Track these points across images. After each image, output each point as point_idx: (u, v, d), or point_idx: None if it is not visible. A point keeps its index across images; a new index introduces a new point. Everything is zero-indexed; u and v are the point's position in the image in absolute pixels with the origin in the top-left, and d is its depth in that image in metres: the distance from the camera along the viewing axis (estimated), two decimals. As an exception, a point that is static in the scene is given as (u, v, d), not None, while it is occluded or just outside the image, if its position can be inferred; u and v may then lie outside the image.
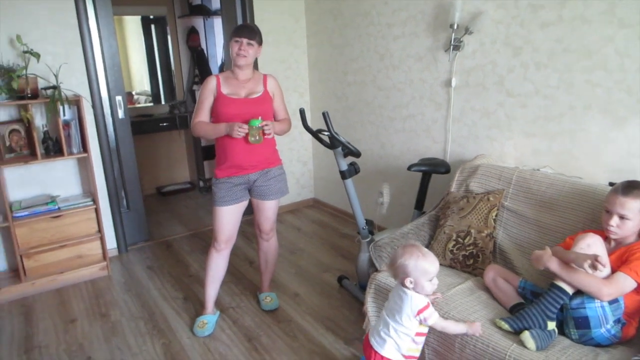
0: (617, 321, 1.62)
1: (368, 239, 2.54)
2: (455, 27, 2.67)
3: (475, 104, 2.74)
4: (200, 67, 5.00)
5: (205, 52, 5.06)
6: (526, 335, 1.58)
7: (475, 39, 2.65)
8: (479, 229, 2.17)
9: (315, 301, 2.74)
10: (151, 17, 4.87)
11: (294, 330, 2.46)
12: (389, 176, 3.46)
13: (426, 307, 1.60)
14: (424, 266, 1.59)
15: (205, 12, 4.94)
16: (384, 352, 1.66)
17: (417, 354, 1.69)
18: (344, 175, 2.49)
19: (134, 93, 5.00)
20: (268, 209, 2.46)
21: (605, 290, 1.58)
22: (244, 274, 3.10)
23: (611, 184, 1.95)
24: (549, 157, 2.42)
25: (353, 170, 2.48)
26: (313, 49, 4.05)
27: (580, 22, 2.17)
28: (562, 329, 1.69)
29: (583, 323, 1.62)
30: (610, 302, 1.60)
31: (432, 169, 2.65)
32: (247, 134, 2.18)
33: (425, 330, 1.67)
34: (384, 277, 2.08)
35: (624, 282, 1.60)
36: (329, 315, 2.59)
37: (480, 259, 2.13)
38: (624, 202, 1.67)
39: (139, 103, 5.03)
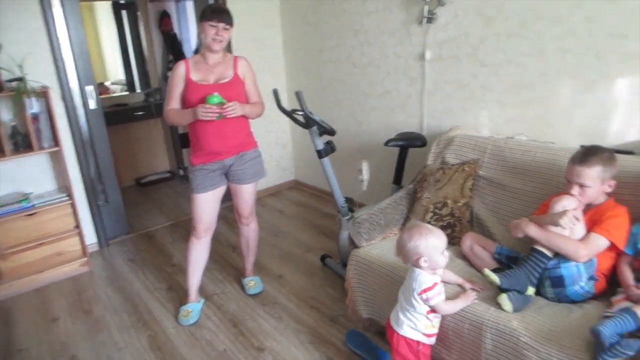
0: (590, 278, 1.66)
1: (348, 217, 2.54)
2: (427, -2, 2.64)
3: (449, 76, 2.73)
4: (174, 52, 4.88)
5: (179, 36, 4.94)
6: (503, 298, 1.61)
7: (447, 10, 2.63)
8: (455, 199, 2.18)
9: (300, 281, 2.75)
10: (122, 2, 4.72)
11: (279, 311, 2.47)
12: (367, 153, 3.46)
13: (431, 288, 1.59)
14: (435, 242, 1.59)
15: (176, -6, 4.81)
16: (402, 332, 1.66)
17: (436, 330, 1.69)
18: (320, 154, 2.48)
19: (108, 83, 4.88)
20: (246, 193, 2.44)
21: (582, 251, 1.62)
22: (227, 259, 3.09)
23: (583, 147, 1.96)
24: (523, 125, 2.43)
25: (329, 149, 2.47)
26: (287, 27, 3.98)
27: (550, -12, 2.16)
28: (538, 290, 1.71)
29: (558, 282, 1.65)
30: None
31: (409, 143, 2.64)
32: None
33: None
34: (363, 252, 2.09)
35: (598, 242, 1.64)
36: (313, 294, 2.60)
37: (458, 229, 2.14)
38: (580, 172, 1.69)
39: (114, 92, 4.92)
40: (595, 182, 1.69)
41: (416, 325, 1.64)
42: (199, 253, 2.44)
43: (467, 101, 2.66)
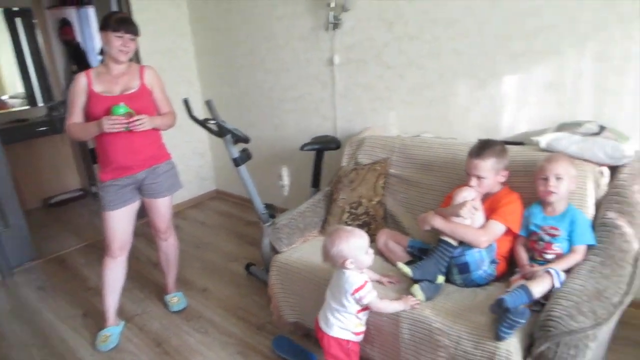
0: (492, 262, 1.80)
1: (269, 223, 2.54)
2: (332, 4, 2.72)
3: (357, 79, 2.83)
4: (78, 62, 4.58)
5: (82, 45, 4.65)
6: (416, 288, 1.70)
7: (352, 15, 2.72)
8: (369, 198, 2.26)
9: (225, 292, 2.70)
10: (14, 9, 4.34)
11: (205, 325, 2.41)
12: (286, 158, 3.48)
13: (362, 286, 1.61)
14: (357, 242, 1.62)
15: (76, 1, 4.52)
16: (333, 333, 1.68)
17: (364, 328, 1.72)
18: (236, 162, 2.46)
19: (5, 97, 4.48)
20: (161, 207, 2.36)
21: (482, 238, 1.75)
22: (147, 277, 2.96)
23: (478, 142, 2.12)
24: (427, 123, 2.58)
25: (245, 156, 2.46)
26: (199, 35, 3.89)
27: (441, -7, 2.32)
28: (448, 277, 1.83)
29: (464, 268, 1.77)
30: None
31: (324, 147, 2.70)
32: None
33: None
34: (284, 257, 2.10)
35: (496, 228, 1.79)
36: (239, 304, 2.57)
37: (373, 226, 2.23)
38: (476, 165, 1.84)
39: (13, 107, 4.52)
40: (490, 173, 1.84)
41: (346, 325, 1.68)
42: (115, 273, 2.32)
43: (376, 102, 2.78)
